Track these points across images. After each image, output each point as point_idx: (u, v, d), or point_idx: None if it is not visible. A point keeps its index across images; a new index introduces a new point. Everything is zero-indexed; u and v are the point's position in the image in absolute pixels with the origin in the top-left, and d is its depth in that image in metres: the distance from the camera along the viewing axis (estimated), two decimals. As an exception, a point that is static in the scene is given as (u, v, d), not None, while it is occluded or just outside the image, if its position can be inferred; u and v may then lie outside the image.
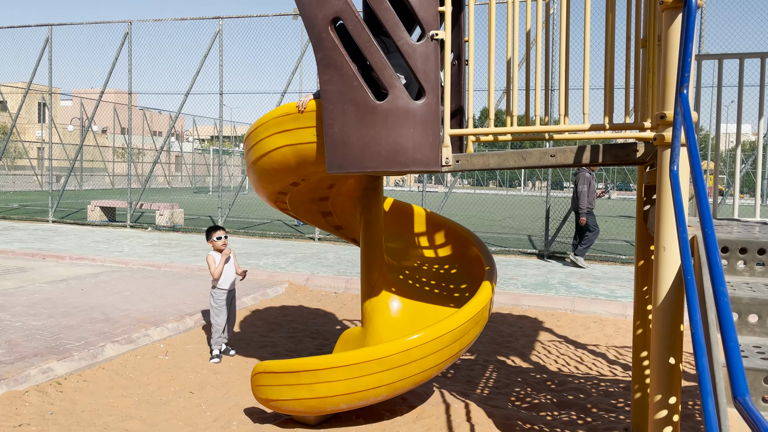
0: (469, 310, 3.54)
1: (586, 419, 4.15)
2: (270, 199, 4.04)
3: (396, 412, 4.05)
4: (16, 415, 3.97)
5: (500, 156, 3.09)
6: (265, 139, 3.57)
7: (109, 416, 4.04)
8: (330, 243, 12.29)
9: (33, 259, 9.77)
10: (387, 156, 3.07)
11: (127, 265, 9.26)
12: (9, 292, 7.09)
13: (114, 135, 38.14)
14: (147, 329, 5.69)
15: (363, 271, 4.12)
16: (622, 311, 7.05)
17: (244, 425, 3.97)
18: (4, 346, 5.03)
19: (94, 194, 24.94)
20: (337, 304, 7.49)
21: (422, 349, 3.39)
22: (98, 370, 4.87)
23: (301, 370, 3.52)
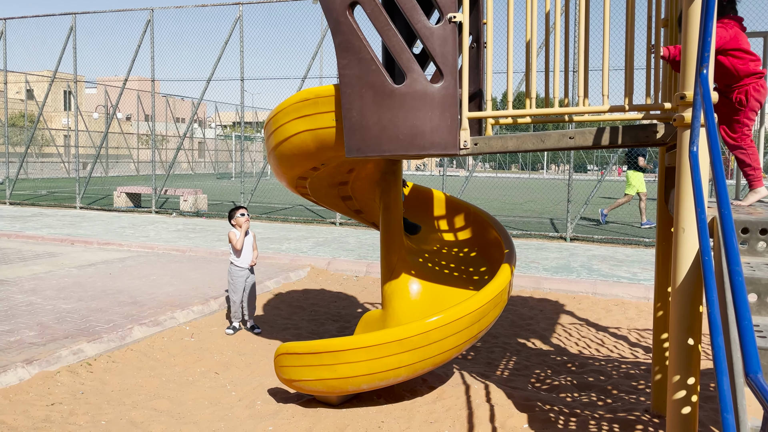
0: (488, 293, 3.57)
1: (606, 401, 4.16)
2: (290, 184, 4.09)
3: (416, 392, 4.11)
4: (48, 394, 4.12)
5: (518, 138, 3.09)
6: (284, 125, 3.61)
7: (138, 395, 4.17)
8: (351, 227, 12.36)
9: (62, 244, 10.00)
10: (405, 139, 3.09)
11: (152, 250, 9.44)
12: (39, 277, 7.29)
13: (138, 122, 38.56)
14: (173, 312, 5.82)
15: (383, 255, 4.16)
16: (644, 294, 7.01)
17: (268, 405, 4.06)
18: (36, 329, 5.20)
19: (119, 180, 25.32)
20: (358, 287, 7.57)
21: (441, 330, 3.43)
22: (127, 351, 5.01)
23: (322, 351, 3.59)
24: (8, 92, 16.07)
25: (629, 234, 11.66)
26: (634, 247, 10.31)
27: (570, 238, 10.85)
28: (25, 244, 9.96)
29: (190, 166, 43.72)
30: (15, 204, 16.27)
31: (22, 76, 28.96)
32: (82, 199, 15.40)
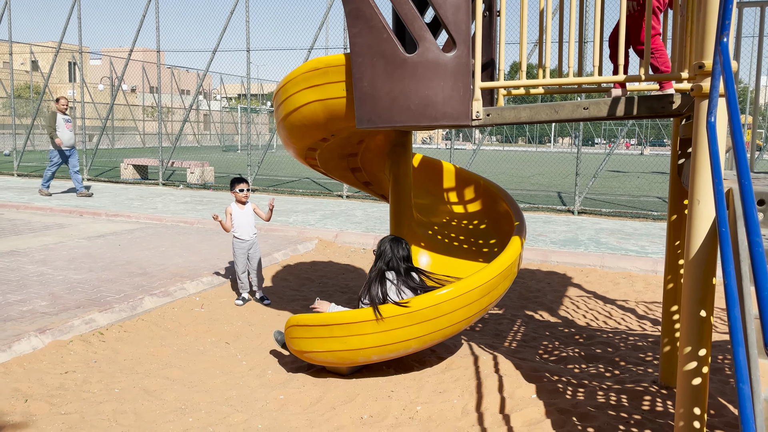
0: (498, 265, 3.57)
1: (614, 372, 4.19)
2: (300, 155, 4.07)
3: (425, 363, 4.15)
4: (62, 362, 4.17)
5: (532, 109, 3.05)
6: (294, 95, 3.57)
7: (150, 364, 4.22)
8: (358, 200, 12.35)
9: (71, 215, 10.05)
10: (416, 110, 3.06)
11: (161, 222, 9.47)
12: (50, 247, 7.34)
13: (143, 94, 38.41)
14: (183, 283, 5.86)
15: (392, 227, 4.16)
16: (652, 267, 7.00)
17: (279, 374, 4.11)
18: (48, 299, 5.25)
19: (126, 153, 25.35)
20: (366, 260, 7.58)
21: (451, 303, 3.44)
22: (138, 321, 5.06)
23: (333, 323, 3.61)
24: (13, 64, 15.96)
25: (637, 207, 11.61)
26: (642, 221, 10.27)
27: (578, 211, 10.81)
28: (34, 215, 10.01)
29: (195, 139, 43.65)
30: (23, 175, 16.31)
31: (27, 48, 28.81)
32: (89, 170, 15.41)
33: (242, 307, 5.59)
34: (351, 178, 4.49)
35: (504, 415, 3.47)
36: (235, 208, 5.63)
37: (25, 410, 3.44)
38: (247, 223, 5.66)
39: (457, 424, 3.37)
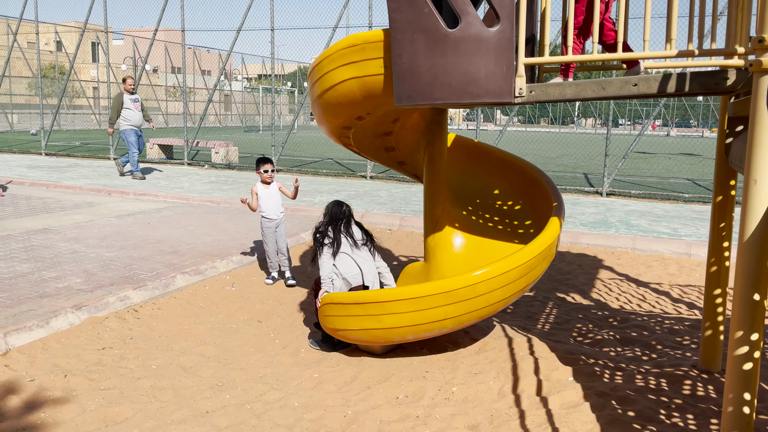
0: (537, 246, 3.51)
1: (651, 355, 4.12)
2: (333, 134, 4.02)
3: (459, 344, 4.12)
4: (99, 339, 4.22)
5: (578, 86, 2.96)
6: (330, 72, 3.52)
7: (185, 341, 4.26)
8: (382, 181, 12.30)
9: (99, 194, 10.16)
10: (458, 86, 2.99)
11: (188, 201, 9.53)
12: (81, 225, 7.43)
13: (167, 74, 38.56)
14: (213, 262, 5.89)
15: (426, 207, 4.11)
16: (686, 250, 6.87)
17: (312, 353, 4.11)
18: (82, 276, 5.31)
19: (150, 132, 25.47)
20: (393, 240, 7.56)
21: (489, 283, 3.39)
22: (170, 299, 5.10)
23: (368, 301, 3.59)
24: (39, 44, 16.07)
25: (666, 189, 11.41)
26: (672, 203, 10.08)
27: (606, 192, 10.65)
28: (63, 194, 10.14)
29: (217, 119, 43.81)
30: (50, 155, 16.52)
31: (51, 27, 29.03)
32: (116, 150, 15.55)
33: (272, 286, 5.61)
34: (384, 157, 4.44)
35: (541, 397, 3.43)
36: (260, 188, 5.63)
37: (65, 385, 3.49)
38: (274, 203, 5.66)
39: (493, 406, 3.34)
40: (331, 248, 4.12)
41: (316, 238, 4.22)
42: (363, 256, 4.21)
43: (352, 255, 4.15)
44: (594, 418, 3.18)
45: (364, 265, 4.19)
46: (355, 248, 4.19)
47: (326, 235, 4.18)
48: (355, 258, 4.16)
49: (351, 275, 4.10)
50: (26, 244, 6.43)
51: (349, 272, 4.10)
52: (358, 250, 4.20)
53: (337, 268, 4.10)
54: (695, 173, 14.87)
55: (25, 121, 33.12)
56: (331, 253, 4.11)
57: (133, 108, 11.68)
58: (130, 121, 11.68)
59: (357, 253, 4.18)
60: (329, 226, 4.22)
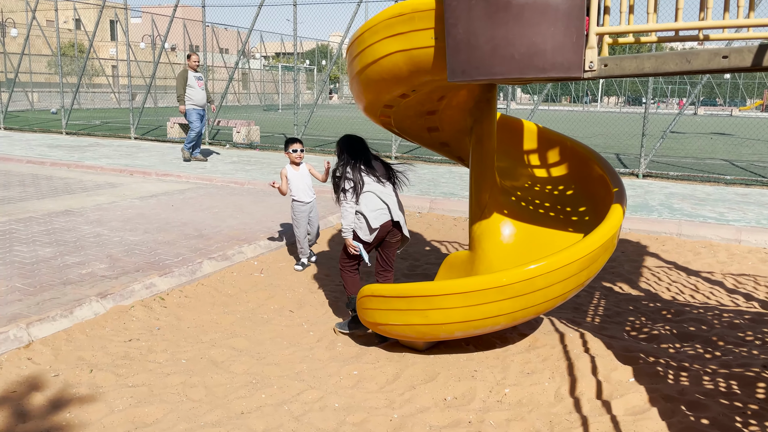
0: (600, 237, 3.20)
1: (714, 353, 3.82)
2: (373, 114, 3.72)
3: (507, 340, 3.85)
4: (124, 329, 4.02)
5: (658, 58, 2.62)
6: (372, 45, 3.21)
7: (215, 333, 4.03)
8: (408, 162, 11.97)
9: (121, 174, 9.98)
10: (521, 59, 2.67)
11: (211, 182, 9.31)
12: (104, 207, 7.24)
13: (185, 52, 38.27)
14: (240, 246, 5.66)
15: (473, 192, 3.81)
16: (735, 236, 6.50)
17: (349, 347, 3.87)
18: (106, 261, 5.11)
19: (169, 111, 25.31)
20: (423, 224, 7.27)
21: (547, 277, 3.10)
22: (198, 286, 4.88)
23: (413, 295, 3.32)
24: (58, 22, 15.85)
25: (704, 170, 10.95)
26: (713, 185, 9.65)
27: (643, 174, 10.23)
28: (85, 174, 9.98)
29: (236, 98, 43.55)
30: (71, 134, 16.41)
31: (70, 5, 28.84)
32: (136, 129, 15.38)
33: (302, 272, 5.37)
34: (427, 138, 4.13)
35: (603, 401, 3.15)
36: (290, 170, 5.37)
37: (91, 381, 3.29)
38: (305, 185, 5.40)
39: (551, 410, 3.07)
40: (354, 193, 3.88)
41: (336, 184, 3.96)
42: (387, 192, 4.00)
43: (375, 192, 3.93)
44: (665, 426, 2.90)
45: (390, 199, 3.98)
46: (379, 184, 3.97)
47: (346, 178, 3.90)
48: (380, 194, 3.94)
49: (376, 212, 3.90)
50: (48, 226, 6.25)
51: (374, 209, 3.89)
52: (382, 186, 3.98)
53: (361, 206, 3.90)
54: (731, 154, 14.33)
55: (45, 99, 33.16)
56: (354, 200, 3.89)
57: (197, 86, 10.96)
58: (194, 99, 10.97)
59: (381, 189, 3.96)
60: (347, 167, 3.93)
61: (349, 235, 3.94)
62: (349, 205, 3.89)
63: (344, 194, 3.91)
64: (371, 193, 3.91)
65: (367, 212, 3.88)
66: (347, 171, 3.92)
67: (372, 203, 3.90)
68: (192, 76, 10.93)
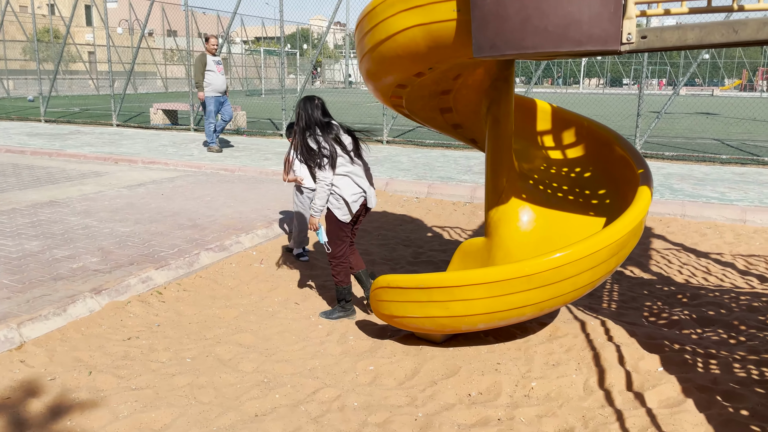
0: (629, 221, 3.04)
1: (739, 338, 3.70)
2: (384, 94, 3.51)
3: (527, 330, 3.69)
4: (122, 327, 3.80)
5: (702, 29, 2.44)
6: (387, 20, 2.99)
7: (219, 328, 3.83)
8: (399, 146, 11.75)
9: (106, 162, 9.65)
10: (555, 31, 2.47)
11: (200, 169, 9.03)
12: (90, 197, 6.95)
13: (164, 37, 37.46)
14: (238, 236, 5.43)
15: (489, 176, 3.63)
16: (740, 216, 6.40)
17: (361, 340, 3.69)
18: (98, 254, 4.86)
19: (150, 98, 24.79)
20: (422, 209, 7.09)
21: (576, 265, 2.93)
22: (196, 278, 4.66)
23: (433, 286, 3.14)
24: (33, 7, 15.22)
25: (698, 150, 10.88)
26: (709, 164, 9.57)
27: (638, 155, 10.10)
28: (68, 162, 9.63)
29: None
30: (50, 121, 15.92)
31: (45, -11, 27.94)
32: (118, 116, 14.95)
33: (303, 262, 5.16)
34: (439, 120, 3.92)
35: (635, 393, 3.01)
36: None
37: (90, 384, 3.07)
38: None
39: (582, 405, 2.93)
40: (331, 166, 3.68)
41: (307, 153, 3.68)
42: (360, 174, 3.86)
43: (351, 174, 3.80)
44: (703, 419, 2.76)
45: (364, 183, 3.87)
46: (352, 163, 3.81)
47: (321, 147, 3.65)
48: (355, 178, 3.81)
49: (354, 196, 3.80)
50: (33, 218, 5.96)
51: (352, 193, 3.79)
52: (353, 165, 3.82)
53: (340, 190, 3.77)
54: (721, 133, 14.31)
55: (21, 87, 32.30)
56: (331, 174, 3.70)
57: (216, 71, 10.17)
58: (214, 85, 10.19)
59: (355, 171, 3.82)
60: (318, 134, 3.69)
61: (318, 216, 3.79)
62: (326, 182, 3.70)
63: (321, 168, 3.69)
64: (347, 177, 3.78)
65: (347, 196, 3.77)
66: (320, 139, 3.69)
67: (349, 188, 3.79)
68: (211, 60, 10.15)
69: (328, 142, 3.68)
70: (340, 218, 3.81)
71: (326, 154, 3.66)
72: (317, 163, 3.68)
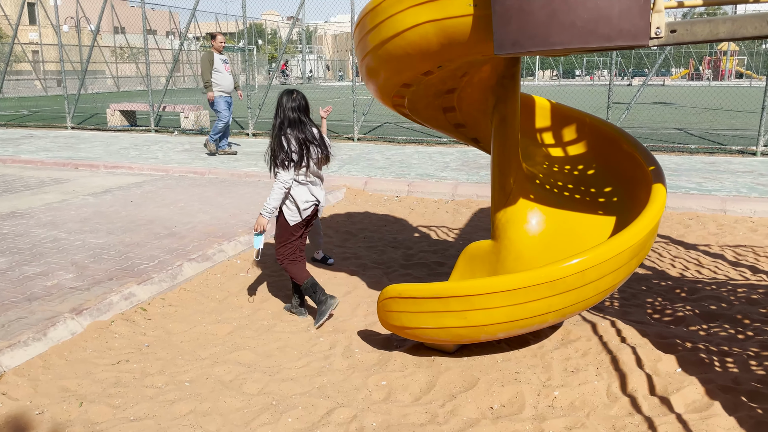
0: (648, 220, 2.95)
1: (747, 333, 3.68)
2: (387, 95, 3.34)
3: (540, 335, 3.58)
4: (109, 349, 3.53)
5: (735, 22, 2.36)
6: (395, 16, 2.82)
7: (214, 347, 3.60)
8: (371, 143, 11.56)
9: (65, 168, 9.17)
10: (584, 27, 2.35)
11: (167, 173, 8.66)
12: (54, 207, 6.55)
13: (114, 35, 36.23)
14: (220, 244, 5.18)
15: (496, 176, 3.50)
16: (720, 206, 6.48)
17: (367, 352, 3.52)
18: (73, 270, 4.54)
19: (103, 97, 23.89)
20: (405, 209, 6.95)
21: (599, 269, 2.83)
22: (181, 292, 4.40)
23: (451, 295, 2.99)
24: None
25: (665, 140, 11.04)
26: (678, 155, 9.71)
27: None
28: (24, 169, 9.11)
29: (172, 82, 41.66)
30: (0, 125, 15.14)
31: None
32: (72, 118, 14.31)
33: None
34: (441, 119, 3.77)
35: (660, 397, 2.93)
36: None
37: (83, 417, 2.82)
38: None
39: (609, 413, 2.83)
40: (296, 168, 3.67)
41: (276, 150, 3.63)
42: (317, 183, 3.85)
43: (309, 184, 3.78)
44: (735, 422, 2.70)
45: (320, 193, 3.86)
46: (312, 172, 3.78)
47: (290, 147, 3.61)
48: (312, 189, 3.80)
49: (306, 204, 3.79)
50: (-5, 232, 5.57)
51: (305, 200, 3.77)
52: (313, 174, 3.80)
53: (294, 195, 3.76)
54: (682, 122, 14.60)
55: (-37, 89, 30.68)
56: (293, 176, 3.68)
57: (223, 70, 9.67)
58: (221, 85, 9.66)
59: (312, 179, 3.80)
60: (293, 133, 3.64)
61: (267, 217, 3.72)
62: (285, 184, 3.65)
63: (284, 168, 3.63)
64: (304, 186, 3.76)
65: (301, 203, 3.75)
66: (291, 138, 3.62)
67: (304, 195, 3.77)
68: (218, 59, 9.64)
69: (298, 145, 3.64)
70: (289, 220, 3.80)
71: (294, 158, 3.63)
72: (282, 163, 3.62)
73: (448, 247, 5.54)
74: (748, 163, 8.89)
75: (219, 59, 9.68)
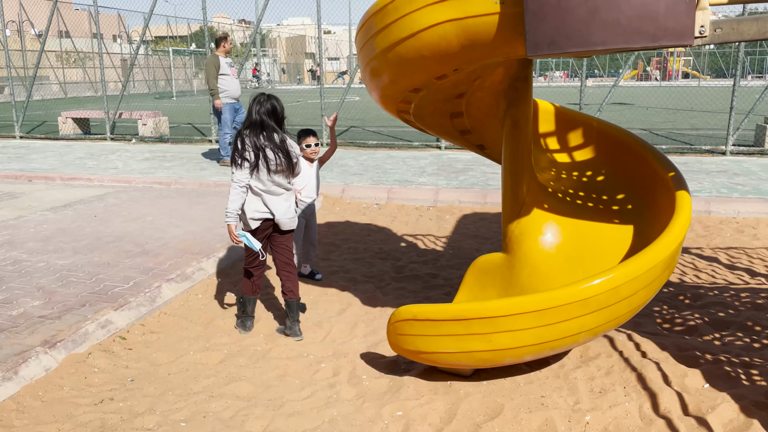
0: (679, 230, 2.80)
1: (762, 341, 3.58)
2: (393, 100, 3.09)
3: (559, 353, 3.38)
4: (89, 386, 3.17)
5: (785, 20, 2.21)
6: (410, 15, 2.58)
7: (206, 378, 3.27)
8: (341, 148, 11.25)
9: (17, 181, 8.58)
10: (629, 25, 2.17)
11: (130, 184, 8.19)
12: (11, 224, 6.05)
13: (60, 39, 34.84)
14: (198, 261, 4.83)
15: (508, 185, 3.29)
16: (704, 207, 6.46)
17: (376, 379, 3.26)
18: (39, 296, 4.13)
19: (51, 104, 22.84)
20: (386, 216, 6.71)
21: (632, 284, 2.66)
22: (161, 316, 4.05)
23: (473, 317, 2.76)
24: None
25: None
26: (650, 156, 9.75)
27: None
28: (-29, 183, 8.48)
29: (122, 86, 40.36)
30: (-61, 136, 14.19)
31: None
32: (21, 127, 13.53)
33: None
34: (447, 126, 3.54)
35: (696, 417, 2.77)
36: (305, 166, 4.52)
37: (68, 471, 2.47)
38: (311, 182, 4.60)
39: (648, 437, 2.65)
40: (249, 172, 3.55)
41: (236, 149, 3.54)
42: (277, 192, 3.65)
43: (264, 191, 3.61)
44: (781, 443, 2.56)
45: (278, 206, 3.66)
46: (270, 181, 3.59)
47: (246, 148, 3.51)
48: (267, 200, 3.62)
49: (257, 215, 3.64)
50: (-55, 254, 5.07)
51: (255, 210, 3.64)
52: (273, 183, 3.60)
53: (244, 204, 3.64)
54: (645, 123, 14.82)
55: None
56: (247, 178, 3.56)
57: (230, 74, 8.99)
58: (228, 90, 8.97)
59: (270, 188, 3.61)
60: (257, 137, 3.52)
61: (231, 221, 3.59)
62: (240, 184, 3.54)
63: (239, 168, 3.53)
64: (257, 197, 3.59)
65: (249, 212, 3.64)
66: (247, 142, 3.52)
67: (254, 205, 3.63)
68: (224, 62, 8.95)
69: (253, 148, 3.52)
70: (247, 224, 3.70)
71: (248, 159, 3.52)
72: (234, 161, 3.55)
73: (438, 257, 5.32)
74: (720, 162, 9.00)
75: (225, 63, 8.99)
